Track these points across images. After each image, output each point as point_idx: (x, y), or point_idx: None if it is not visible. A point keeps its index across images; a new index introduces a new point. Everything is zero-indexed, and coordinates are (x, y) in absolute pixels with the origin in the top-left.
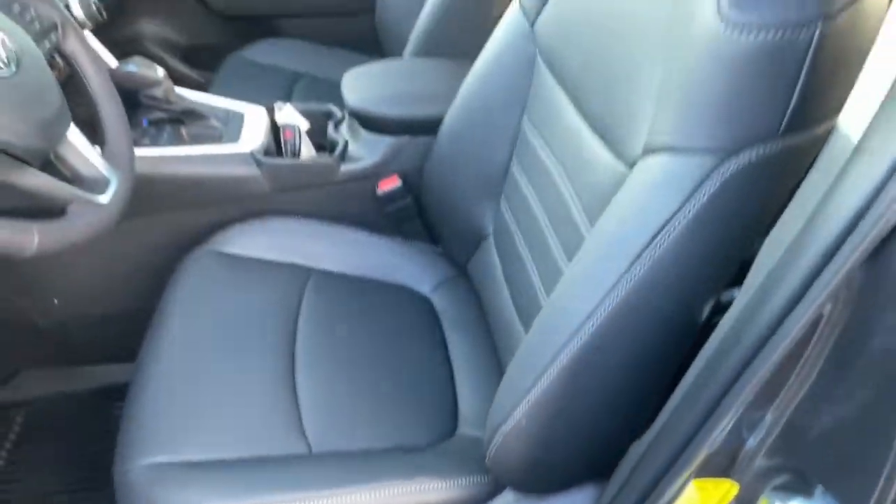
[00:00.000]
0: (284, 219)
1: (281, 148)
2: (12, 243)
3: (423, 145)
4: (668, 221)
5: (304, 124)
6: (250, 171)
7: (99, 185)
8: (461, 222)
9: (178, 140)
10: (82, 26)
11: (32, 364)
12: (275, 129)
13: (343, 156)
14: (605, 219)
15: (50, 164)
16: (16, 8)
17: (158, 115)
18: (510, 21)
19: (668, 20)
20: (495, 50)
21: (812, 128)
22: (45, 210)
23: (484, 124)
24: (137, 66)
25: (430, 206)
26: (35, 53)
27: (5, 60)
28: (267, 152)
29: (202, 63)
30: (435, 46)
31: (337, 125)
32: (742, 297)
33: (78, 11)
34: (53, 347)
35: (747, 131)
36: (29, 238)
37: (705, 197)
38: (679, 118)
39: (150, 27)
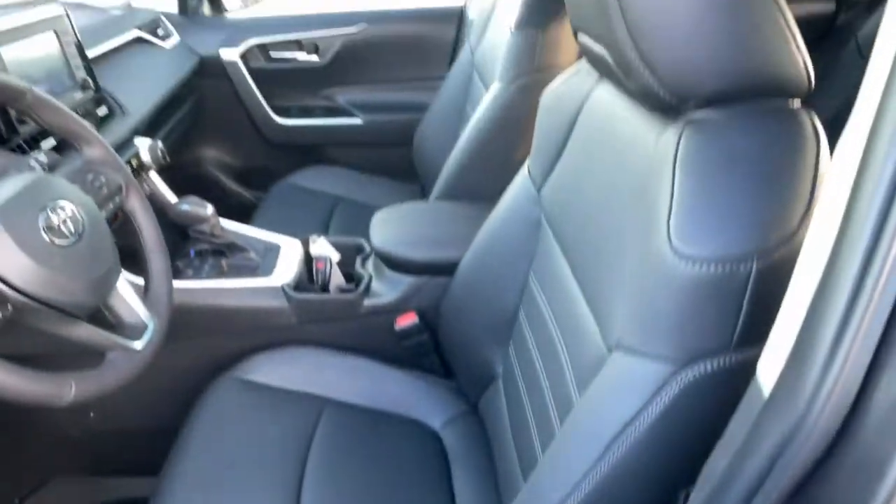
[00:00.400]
0: (306, 349)
1: (313, 276)
2: (50, 396)
3: (441, 286)
4: (632, 420)
5: (335, 256)
6: (279, 303)
7: (137, 330)
8: (473, 361)
9: (218, 271)
10: (149, 169)
11: (61, 473)
12: (308, 259)
13: (367, 291)
14: (580, 405)
15: (98, 311)
16: (90, 177)
17: (204, 246)
18: (520, 183)
19: (639, 226)
20: (506, 207)
21: (763, 341)
22: (83, 353)
23: (495, 273)
24: (190, 205)
25: (446, 343)
26: (99, 220)
27: (71, 231)
28: (298, 283)
29: (255, 184)
30: (460, 188)
31: (364, 260)
32: (697, 493)
33: (146, 157)
34: (83, 458)
35: (701, 344)
36: (66, 390)
37: (667, 399)
38: (640, 323)
39: (211, 152)
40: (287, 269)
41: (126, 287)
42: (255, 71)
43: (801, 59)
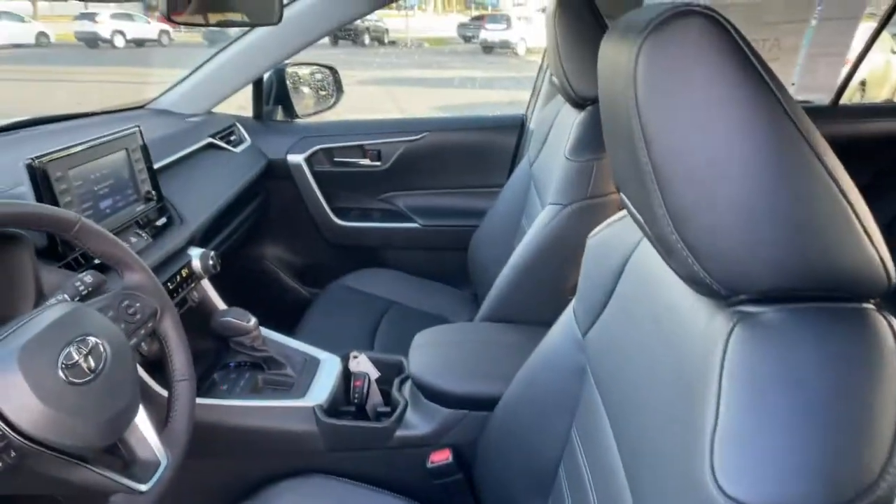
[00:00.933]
0: (332, 481)
1: (350, 394)
2: None
3: (480, 421)
4: None
5: (374, 373)
6: (309, 427)
7: (149, 467)
8: None
9: (252, 387)
10: (199, 278)
11: None
12: (348, 374)
13: (400, 420)
14: None
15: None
16: (125, 303)
17: (244, 359)
18: (565, 323)
19: (681, 430)
20: (551, 348)
21: None
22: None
23: (536, 418)
24: (234, 317)
25: (481, 485)
26: (124, 353)
27: (91, 367)
28: (332, 402)
29: (311, 281)
30: (509, 309)
31: (402, 382)
32: None
33: (197, 266)
34: None
35: None
36: None
37: None
38: None
39: (272, 249)
40: (323, 387)
41: (144, 421)
42: (318, 174)
43: (877, 254)
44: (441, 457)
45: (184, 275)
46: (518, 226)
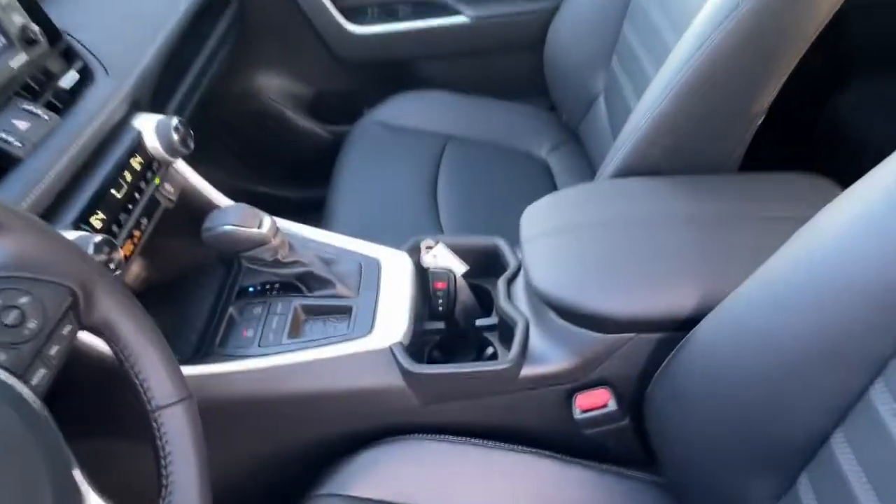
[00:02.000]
0: (433, 443)
1: (431, 302)
2: None
3: (650, 346)
4: None
5: (459, 267)
6: (390, 380)
7: None
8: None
9: (291, 326)
10: (165, 164)
11: None
12: (422, 271)
13: (524, 350)
14: None
15: None
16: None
17: (268, 279)
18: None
19: None
20: (863, 225)
21: None
22: None
23: (805, 362)
24: (236, 222)
25: (660, 441)
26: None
27: None
28: (416, 334)
29: (332, 117)
30: (659, 154)
31: (511, 282)
32: None
33: (154, 145)
34: None
35: None
36: None
37: None
38: None
39: (269, 80)
40: (395, 308)
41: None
42: None
43: None
44: (595, 400)
45: (136, 167)
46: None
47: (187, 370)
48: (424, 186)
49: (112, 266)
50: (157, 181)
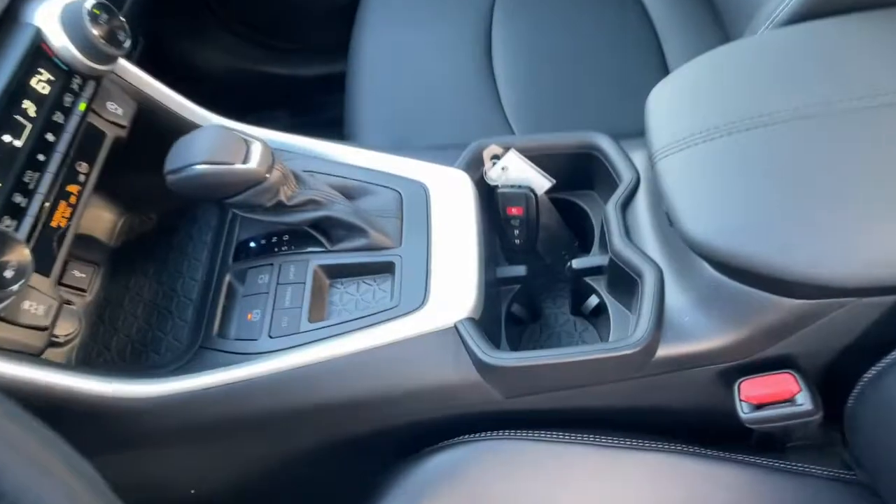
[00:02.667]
0: (526, 443)
1: (506, 237)
2: None
3: (878, 313)
4: None
5: (541, 183)
6: (458, 375)
7: None
8: None
9: (312, 298)
10: (96, 76)
11: None
12: (489, 191)
13: (660, 320)
14: None
15: None
16: None
17: (275, 229)
18: None
19: None
20: None
21: None
22: None
23: None
24: (211, 149)
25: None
26: None
27: None
28: (489, 298)
29: None
30: None
31: (626, 206)
32: None
33: (66, 48)
34: None
35: None
36: None
37: None
38: None
39: None
40: (456, 261)
41: None
42: None
43: None
44: (773, 390)
45: (41, 88)
46: None
47: (179, 384)
48: (474, 57)
49: (8, 276)
50: (82, 107)
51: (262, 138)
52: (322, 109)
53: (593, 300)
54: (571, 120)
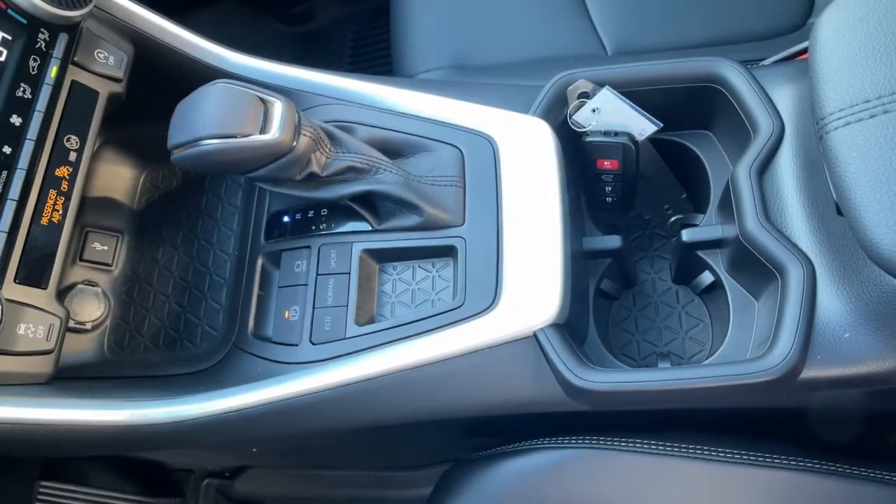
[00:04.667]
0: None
1: (595, 193)
2: None
3: None
4: None
5: (643, 126)
6: (541, 394)
7: None
8: None
9: (361, 305)
10: (68, 23)
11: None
12: (572, 141)
13: (808, 334)
14: None
15: None
16: None
17: (307, 201)
18: None
19: None
20: None
21: None
22: None
23: None
24: (221, 117)
25: None
26: None
27: None
28: (576, 299)
29: None
30: None
31: (764, 170)
32: None
33: (35, 4)
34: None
35: None
36: None
37: None
38: None
39: None
40: (535, 243)
41: None
42: None
43: None
44: None
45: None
46: None
47: (207, 405)
48: None
49: None
50: (53, 72)
51: (283, 93)
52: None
53: (706, 277)
54: (679, 29)
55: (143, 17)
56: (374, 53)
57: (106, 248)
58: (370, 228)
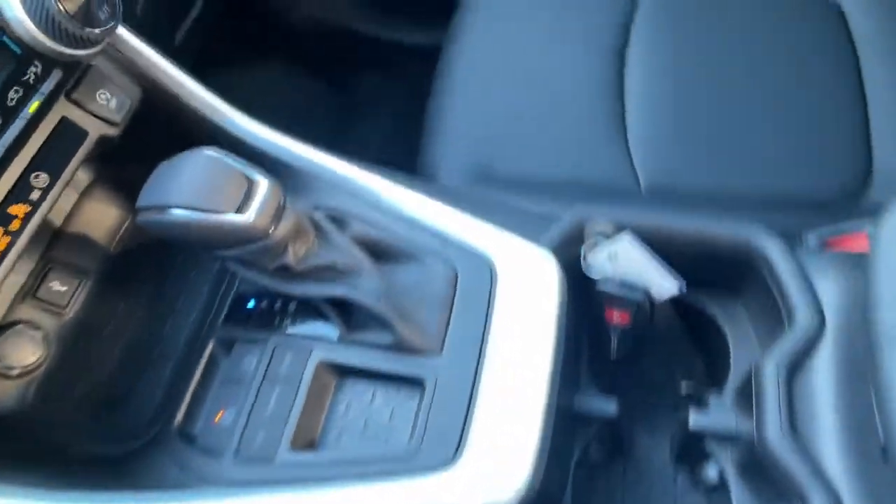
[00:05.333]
0: None
1: (600, 346)
2: None
3: None
4: None
5: (662, 287)
6: None
7: None
8: None
9: (303, 423)
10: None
11: None
12: (585, 287)
13: None
14: None
15: None
16: None
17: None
18: None
19: None
20: None
21: None
22: None
23: None
24: (199, 188)
25: None
26: None
27: None
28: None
29: None
30: None
31: (796, 369)
32: None
33: (34, 36)
34: None
35: None
36: None
37: None
38: None
39: None
40: (515, 395)
41: None
42: None
43: None
44: None
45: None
46: None
47: None
48: (600, 74)
49: None
50: (32, 108)
51: (283, 168)
52: (405, 78)
53: (710, 474)
54: (723, 175)
55: (157, 66)
56: (406, 136)
57: (65, 288)
58: (336, 336)
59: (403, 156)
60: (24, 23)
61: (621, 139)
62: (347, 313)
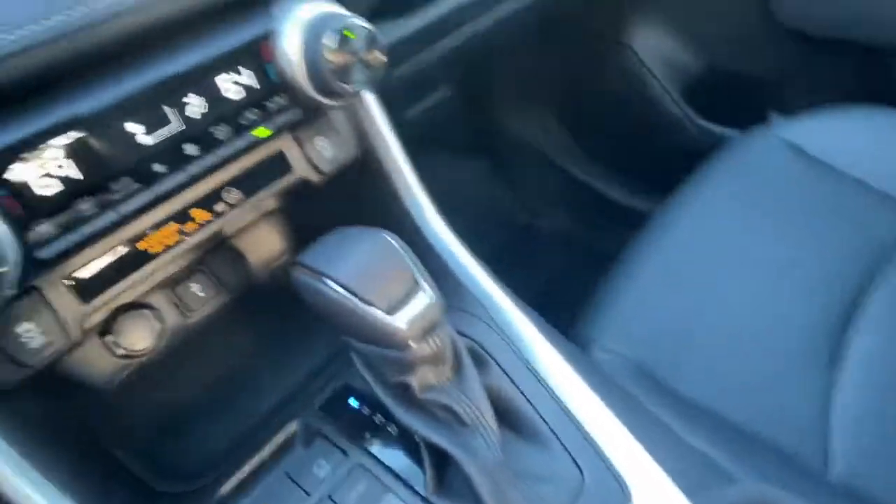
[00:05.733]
0: None
1: None
2: None
3: None
4: None
5: None
6: None
7: None
8: None
9: None
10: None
11: None
12: None
13: None
14: None
15: None
16: None
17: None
18: None
19: None
20: None
21: None
22: None
23: None
24: (364, 267)
25: None
26: None
27: None
28: None
29: (714, 108)
30: None
31: None
32: None
33: (295, 78)
34: None
35: None
36: None
37: None
38: None
39: (645, 31)
40: None
41: None
42: None
43: None
44: None
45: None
46: None
47: None
48: (818, 328)
49: None
50: (259, 132)
51: (448, 280)
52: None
53: None
54: None
55: (380, 133)
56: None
57: (202, 294)
58: (422, 490)
59: (559, 305)
60: (293, 62)
61: (822, 406)
62: (444, 465)
